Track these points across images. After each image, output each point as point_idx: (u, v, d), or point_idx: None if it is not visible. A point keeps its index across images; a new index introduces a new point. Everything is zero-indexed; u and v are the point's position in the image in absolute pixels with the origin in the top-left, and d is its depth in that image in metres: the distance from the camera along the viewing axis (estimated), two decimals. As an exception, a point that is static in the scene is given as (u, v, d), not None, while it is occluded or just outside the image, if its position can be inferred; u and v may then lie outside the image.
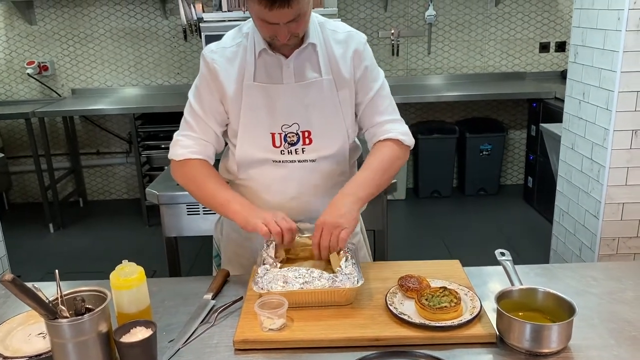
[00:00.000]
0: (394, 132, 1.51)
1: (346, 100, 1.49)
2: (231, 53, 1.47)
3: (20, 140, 4.83)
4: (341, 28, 1.50)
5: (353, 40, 1.48)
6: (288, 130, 1.47)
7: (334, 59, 1.46)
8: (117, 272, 1.21)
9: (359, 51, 1.48)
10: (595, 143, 2.48)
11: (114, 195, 5.05)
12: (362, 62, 1.49)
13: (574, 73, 2.69)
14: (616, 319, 1.24)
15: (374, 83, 1.52)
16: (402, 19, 4.60)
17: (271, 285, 1.27)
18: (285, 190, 1.52)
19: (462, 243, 3.83)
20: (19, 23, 4.57)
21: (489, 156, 4.58)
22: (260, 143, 1.48)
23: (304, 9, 1.30)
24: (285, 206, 1.53)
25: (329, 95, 1.46)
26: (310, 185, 1.52)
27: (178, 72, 4.72)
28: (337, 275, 1.26)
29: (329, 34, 1.47)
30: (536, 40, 4.69)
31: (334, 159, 1.52)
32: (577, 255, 2.69)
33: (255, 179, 1.54)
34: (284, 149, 1.48)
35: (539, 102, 4.24)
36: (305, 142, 1.48)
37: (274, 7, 1.25)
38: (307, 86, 1.45)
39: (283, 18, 1.28)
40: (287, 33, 1.33)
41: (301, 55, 1.44)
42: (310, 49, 1.44)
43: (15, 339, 1.22)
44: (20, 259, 3.64)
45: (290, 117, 1.46)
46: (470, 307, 1.23)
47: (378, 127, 1.53)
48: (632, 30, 2.22)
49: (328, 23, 1.50)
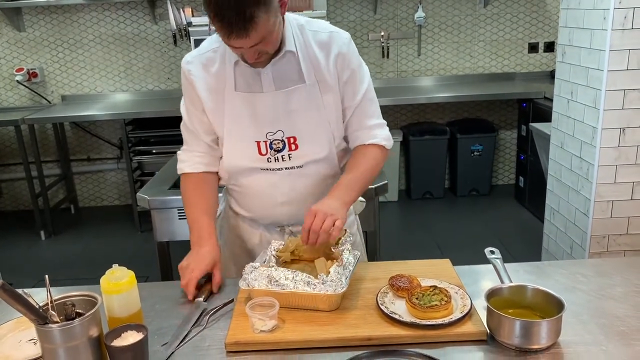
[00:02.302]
0: (378, 138, 1.53)
1: (330, 104, 1.46)
2: (207, 59, 1.46)
3: (10, 147, 4.80)
4: (323, 28, 1.47)
5: (335, 42, 1.44)
6: (273, 138, 1.46)
7: (317, 63, 1.43)
8: (107, 277, 1.20)
9: (342, 54, 1.44)
10: (584, 141, 2.50)
11: (106, 202, 5.03)
12: (347, 65, 1.45)
13: (562, 72, 2.71)
14: (605, 315, 1.25)
15: (361, 86, 1.49)
16: (392, 21, 4.62)
17: (256, 283, 1.27)
18: (274, 196, 1.52)
19: (454, 244, 3.84)
20: (8, 30, 4.55)
21: (480, 157, 4.61)
22: (246, 152, 1.48)
23: (267, 31, 1.25)
24: (276, 211, 1.54)
25: (313, 100, 1.44)
26: (300, 190, 1.52)
27: (168, 77, 4.71)
28: (320, 282, 1.24)
29: (310, 37, 1.44)
30: (525, 40, 4.73)
31: (323, 163, 1.52)
32: (569, 254, 2.71)
33: (246, 186, 1.55)
34: (270, 157, 1.47)
35: (529, 102, 4.27)
36: (291, 148, 1.47)
37: (231, 37, 1.23)
38: (289, 93, 1.43)
39: (244, 44, 1.25)
40: (254, 54, 1.30)
41: (279, 63, 1.41)
42: (289, 55, 1.41)
43: (6, 346, 1.21)
44: (12, 267, 3.63)
45: (274, 124, 1.45)
46: (461, 306, 1.24)
47: (364, 132, 1.53)
48: (618, 29, 2.25)
49: (309, 24, 1.46)
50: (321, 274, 1.26)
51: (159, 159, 4.25)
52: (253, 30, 1.21)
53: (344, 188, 1.44)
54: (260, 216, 1.58)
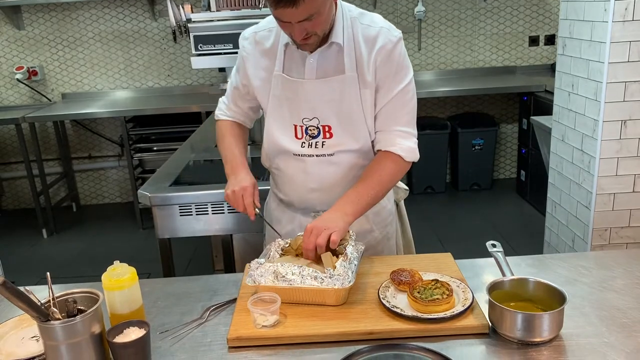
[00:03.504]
0: (397, 147, 1.47)
1: (367, 99, 1.46)
2: (261, 37, 1.51)
3: (11, 146, 4.80)
4: (375, 22, 1.46)
5: (382, 37, 1.43)
6: (309, 124, 1.49)
7: (360, 57, 1.43)
8: (108, 273, 1.20)
9: (386, 49, 1.42)
10: (585, 134, 2.49)
11: (107, 199, 5.03)
12: (388, 60, 1.43)
13: (562, 65, 2.70)
14: (607, 307, 1.25)
15: (397, 85, 1.46)
16: (392, 16, 4.60)
17: (262, 279, 1.27)
18: (306, 182, 1.56)
19: (456, 238, 3.84)
20: (7, 28, 4.55)
21: (481, 151, 4.60)
22: (283, 133, 1.52)
23: (317, 9, 1.26)
24: (308, 197, 1.58)
25: (351, 92, 1.45)
26: (330, 178, 1.54)
27: (168, 74, 4.71)
28: (328, 276, 1.25)
29: (359, 30, 1.43)
30: (525, 34, 4.71)
31: (355, 154, 1.52)
32: (570, 247, 2.70)
33: (281, 169, 1.60)
34: (304, 141, 1.51)
35: (530, 95, 4.26)
36: (325, 135, 1.49)
37: (279, 7, 1.24)
38: (327, 82, 1.44)
39: (292, 17, 1.26)
40: (301, 31, 1.30)
41: (325, 53, 1.43)
42: (335, 47, 1.42)
43: (9, 343, 1.22)
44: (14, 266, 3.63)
45: (310, 111, 1.48)
46: (463, 299, 1.24)
47: (386, 135, 1.49)
48: (618, 21, 2.24)
49: (363, 17, 1.46)
50: (328, 269, 1.26)
51: (160, 156, 4.26)
52: (301, 1, 1.22)
53: (349, 200, 1.42)
54: (295, 200, 1.62)
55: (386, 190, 1.51)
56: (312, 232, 1.34)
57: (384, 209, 1.66)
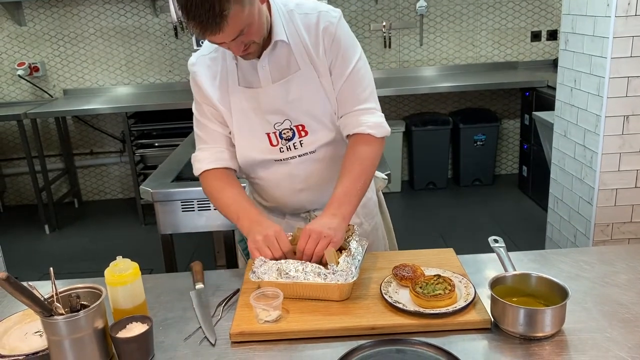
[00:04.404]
0: (363, 127, 1.44)
1: (327, 87, 1.44)
2: (210, 60, 1.46)
3: (12, 142, 4.81)
4: (312, 8, 1.42)
5: (323, 20, 1.40)
6: (282, 128, 1.46)
7: (308, 47, 1.40)
8: (111, 269, 1.21)
9: (328, 30, 1.40)
10: (588, 130, 2.49)
11: (109, 195, 5.04)
12: (334, 40, 1.40)
13: (564, 60, 2.69)
14: (609, 302, 1.25)
15: (348, 65, 1.43)
16: (393, 11, 4.59)
17: (266, 276, 1.27)
18: (293, 185, 1.53)
19: (458, 234, 3.84)
20: (8, 24, 4.54)
21: (483, 146, 4.59)
22: (257, 145, 1.48)
23: (244, 23, 1.22)
24: (297, 198, 1.55)
25: (311, 85, 1.43)
26: (317, 175, 1.52)
27: (170, 70, 4.71)
28: (331, 272, 1.25)
29: (299, 21, 1.40)
30: (527, 29, 4.70)
31: (334, 145, 1.51)
32: (572, 242, 2.70)
33: (263, 178, 1.55)
34: (282, 146, 1.48)
35: (532, 91, 4.25)
36: (300, 134, 1.47)
37: (206, 35, 1.21)
38: (286, 83, 1.42)
39: (223, 39, 1.24)
40: (239, 46, 1.28)
41: (273, 54, 1.40)
42: (281, 45, 1.40)
43: (12, 338, 1.22)
44: (17, 261, 3.64)
45: (278, 115, 1.45)
46: (465, 294, 1.24)
47: (349, 118, 1.46)
48: (621, 16, 2.23)
49: (299, 7, 1.42)
50: (331, 264, 1.26)
51: (162, 151, 4.26)
52: (225, 24, 1.18)
53: (339, 202, 1.39)
54: (283, 204, 1.59)
55: (371, 176, 1.46)
56: (311, 237, 1.31)
57: (370, 200, 1.66)
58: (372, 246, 1.64)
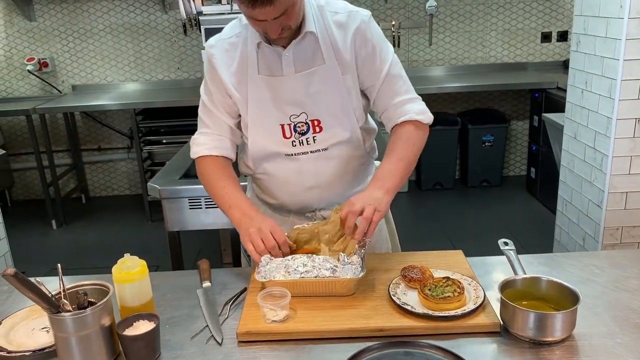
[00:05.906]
0: (410, 114, 1.47)
1: (350, 85, 1.44)
2: (230, 45, 1.45)
3: (21, 137, 4.83)
4: (342, 8, 1.44)
5: (354, 20, 1.42)
6: (297, 121, 1.45)
7: (336, 44, 1.42)
8: (119, 266, 1.20)
9: (360, 31, 1.42)
10: (598, 132, 2.46)
11: (116, 191, 5.05)
12: (366, 41, 1.43)
13: (576, 62, 2.67)
14: (620, 307, 1.24)
15: (384, 63, 1.45)
16: (403, 10, 4.57)
17: (273, 274, 1.26)
18: (302, 182, 1.51)
19: (465, 235, 3.82)
20: (19, 20, 4.56)
21: (491, 147, 4.57)
22: (270, 135, 1.47)
23: (290, 2, 1.25)
24: (304, 196, 1.53)
25: (334, 81, 1.43)
26: (327, 173, 1.51)
27: (178, 67, 4.71)
28: (339, 265, 1.25)
29: (329, 18, 1.42)
30: (538, 30, 4.67)
31: (348, 145, 1.50)
32: (581, 245, 2.68)
33: (272, 173, 1.53)
34: (294, 140, 1.46)
35: (541, 92, 4.22)
36: (315, 130, 1.46)
37: (256, 6, 1.22)
38: (309, 75, 1.42)
39: (269, 15, 1.25)
40: (277, 28, 1.29)
41: (300, 45, 1.40)
42: (309, 37, 1.40)
43: (19, 334, 1.22)
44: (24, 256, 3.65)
45: (296, 107, 1.44)
46: (474, 297, 1.22)
47: (393, 110, 1.48)
48: (635, 18, 2.20)
49: (329, 5, 1.44)
50: (342, 254, 1.27)
51: (169, 148, 4.26)
52: None
53: (382, 178, 1.39)
54: (289, 202, 1.57)
55: (415, 159, 1.47)
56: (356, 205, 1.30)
57: None
58: (376, 247, 1.63)
